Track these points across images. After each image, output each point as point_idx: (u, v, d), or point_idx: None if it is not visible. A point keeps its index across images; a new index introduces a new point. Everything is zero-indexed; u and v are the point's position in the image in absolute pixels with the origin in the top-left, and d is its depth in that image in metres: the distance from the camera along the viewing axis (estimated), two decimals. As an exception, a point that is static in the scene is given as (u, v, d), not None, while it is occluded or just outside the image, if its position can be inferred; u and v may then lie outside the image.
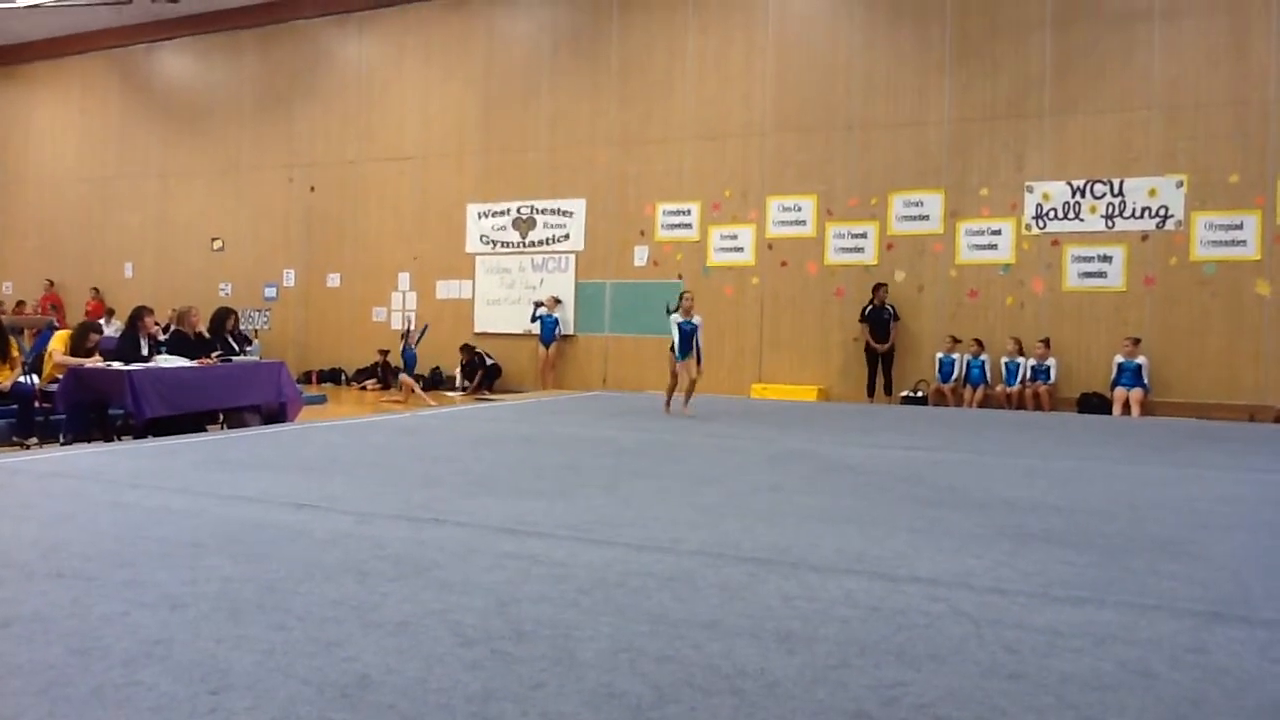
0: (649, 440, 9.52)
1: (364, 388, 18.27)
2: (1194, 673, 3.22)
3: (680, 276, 16.94)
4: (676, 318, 11.93)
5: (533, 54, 18.31)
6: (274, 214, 20.78)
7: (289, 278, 20.67)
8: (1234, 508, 6.38)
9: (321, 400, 14.77)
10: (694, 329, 11.93)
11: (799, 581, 4.28)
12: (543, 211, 18.16)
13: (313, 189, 20.23)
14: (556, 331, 17.67)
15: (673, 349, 12.03)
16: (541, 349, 17.62)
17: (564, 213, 17.97)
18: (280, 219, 20.71)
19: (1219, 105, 13.80)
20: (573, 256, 17.90)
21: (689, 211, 17.00)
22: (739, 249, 16.63)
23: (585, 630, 3.49)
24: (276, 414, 11.02)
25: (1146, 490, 7.21)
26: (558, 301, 17.77)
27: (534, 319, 17.69)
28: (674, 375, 12.21)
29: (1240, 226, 13.67)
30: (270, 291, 20.82)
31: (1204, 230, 13.85)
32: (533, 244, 18.23)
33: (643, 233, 17.31)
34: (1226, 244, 13.74)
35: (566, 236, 17.98)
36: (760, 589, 4.14)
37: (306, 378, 19.08)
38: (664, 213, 17.18)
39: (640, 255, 17.33)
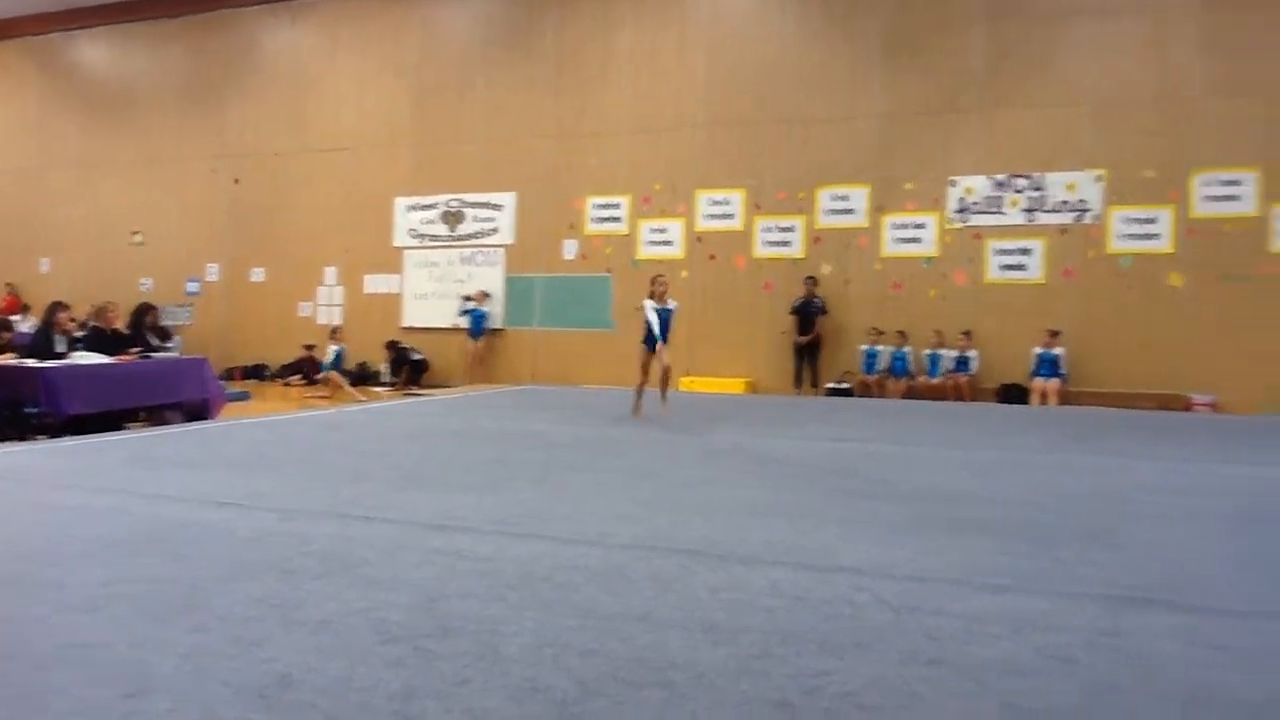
0: (579, 434, 9.54)
1: (289, 384, 18.03)
2: (1111, 657, 3.31)
3: (609, 270, 16.96)
4: (652, 304, 10.85)
5: (467, 46, 18.19)
6: (198, 207, 20.39)
7: (212, 272, 20.30)
8: (1150, 495, 6.56)
9: (245, 397, 14.54)
10: (670, 314, 10.99)
11: (727, 573, 4.32)
12: (472, 205, 18.05)
13: (237, 181, 19.88)
14: (485, 325, 17.59)
15: (645, 340, 10.91)
16: (470, 343, 17.53)
17: (494, 206, 17.89)
18: (204, 212, 20.33)
19: (1139, 103, 14.16)
20: (502, 250, 17.83)
21: (619, 205, 17.02)
22: (668, 242, 16.69)
23: (511, 625, 3.49)
24: (199, 411, 10.84)
25: (1066, 479, 7.39)
26: (486, 295, 17.69)
27: (462, 313, 17.59)
28: (644, 371, 11.09)
29: (1155, 221, 14.04)
30: (193, 286, 20.44)
31: (1120, 224, 14.22)
32: (462, 238, 18.12)
33: (572, 226, 17.29)
34: (1142, 237, 14.11)
35: (496, 230, 17.90)
36: (689, 581, 4.17)
37: (229, 374, 18.76)
38: (594, 206, 17.18)
39: (569, 249, 17.31)
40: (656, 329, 10.77)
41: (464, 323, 17.56)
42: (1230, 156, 13.66)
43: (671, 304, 11.04)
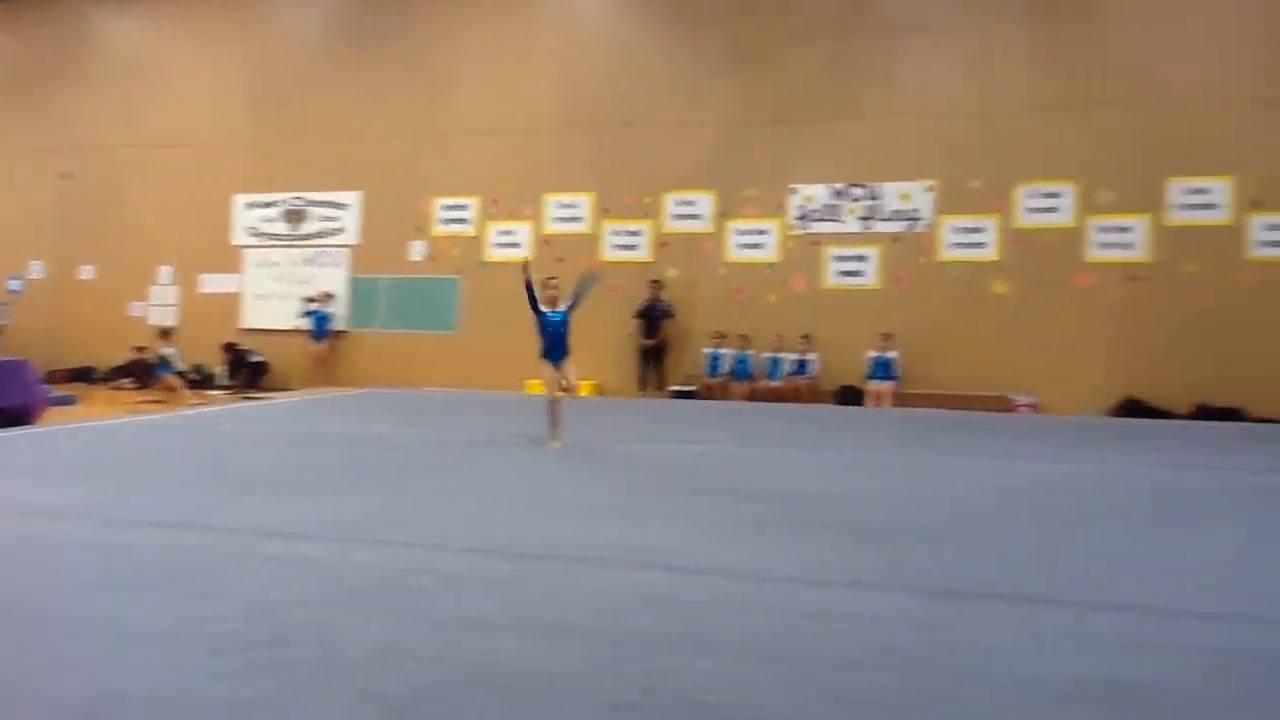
0: (422, 438, 9.45)
1: (119, 387, 17.27)
2: (938, 649, 3.49)
3: (457, 272, 16.83)
4: (542, 309, 9.25)
5: (311, 43, 17.77)
6: (22, 201, 19.33)
7: (36, 269, 19.29)
8: (976, 493, 6.90)
9: (71, 400, 13.87)
10: (562, 320, 9.27)
11: (570, 576, 4.37)
12: (316, 204, 17.65)
13: (68, 175, 18.91)
14: (328, 327, 17.22)
15: (542, 354, 9.23)
16: (312, 345, 17.13)
17: (338, 205, 17.54)
18: (29, 206, 19.28)
19: (966, 116, 14.84)
20: (347, 250, 17.49)
21: (467, 207, 16.91)
22: (516, 245, 16.67)
23: (349, 633, 3.47)
24: (19, 415, 10.31)
25: (898, 478, 7.70)
26: (329, 296, 17.32)
27: (304, 314, 17.18)
28: (547, 386, 9.26)
29: (982, 230, 14.75)
30: (14, 284, 19.37)
31: (950, 233, 14.87)
32: (305, 237, 17.70)
33: (419, 227, 17.09)
34: (969, 245, 14.79)
35: (340, 230, 17.55)
36: (531, 585, 4.20)
37: (52, 376, 17.84)
38: (442, 207, 17.02)
39: (416, 250, 17.10)
40: (541, 341, 9.23)
41: (306, 324, 17.15)
42: (1050, 169, 14.45)
43: (561, 308, 9.34)
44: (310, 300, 17.25)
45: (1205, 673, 3.31)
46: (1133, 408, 13.88)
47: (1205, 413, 13.52)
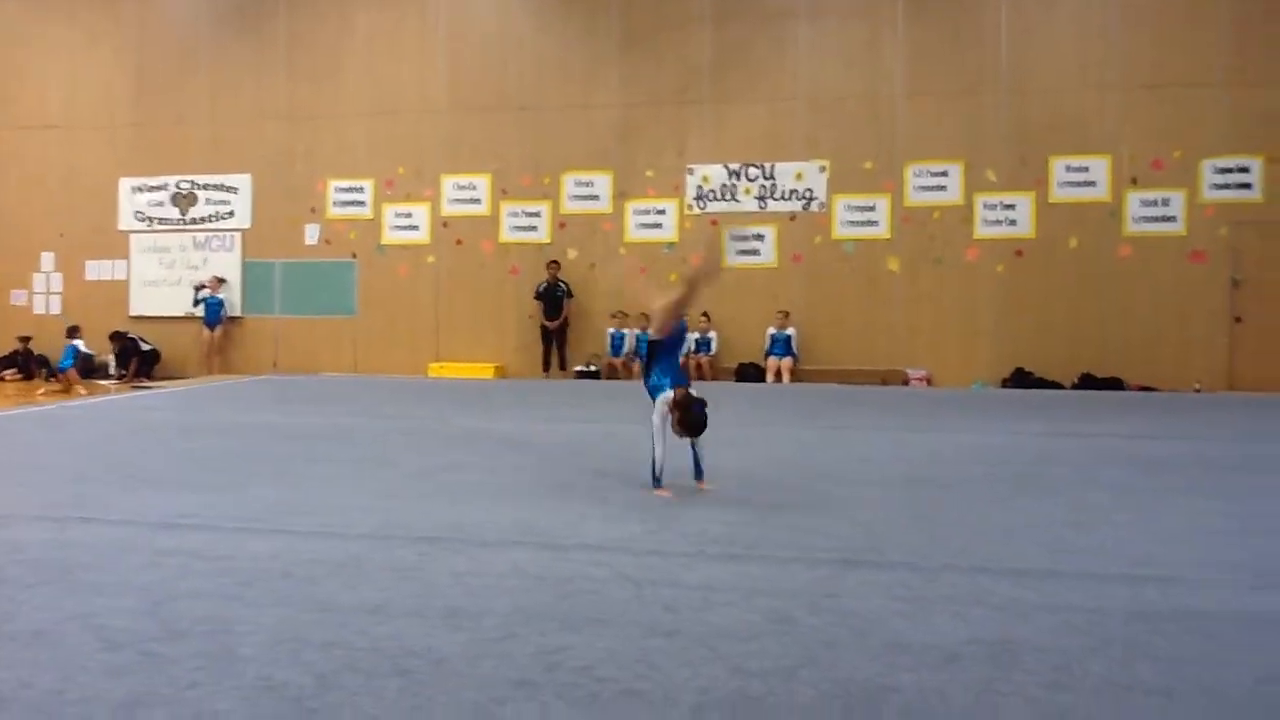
0: (319, 425, 9.36)
1: (2, 378, 16.68)
2: (829, 617, 3.63)
3: (354, 255, 16.61)
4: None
5: (192, 22, 17.27)
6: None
7: (-94, 258, 18.47)
8: (867, 465, 7.11)
9: (-49, 394, 13.37)
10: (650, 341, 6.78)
11: (469, 557, 4.42)
12: (205, 187, 17.23)
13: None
14: (222, 314, 16.86)
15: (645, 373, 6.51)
16: (205, 332, 16.75)
17: (228, 188, 17.14)
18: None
19: (855, 98, 15.12)
20: (239, 235, 17.11)
21: (362, 189, 16.67)
22: (414, 227, 16.50)
23: (246, 624, 3.47)
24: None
25: (793, 451, 7.89)
26: (221, 282, 16.94)
27: (196, 302, 16.78)
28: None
29: (874, 209, 15.06)
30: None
31: (844, 212, 15.16)
32: (194, 221, 17.27)
33: (313, 210, 16.80)
34: (863, 224, 15.10)
35: (231, 214, 17.16)
36: (430, 568, 4.24)
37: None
38: (336, 189, 16.75)
39: (311, 233, 16.82)
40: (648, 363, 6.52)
41: (199, 311, 16.76)
42: (938, 150, 14.82)
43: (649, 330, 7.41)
44: (201, 287, 16.85)
45: (1077, 630, 3.50)
46: (1021, 379, 14.36)
47: (1088, 383, 14.05)
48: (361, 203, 16.68)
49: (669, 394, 6.00)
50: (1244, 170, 13.94)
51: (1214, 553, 4.66)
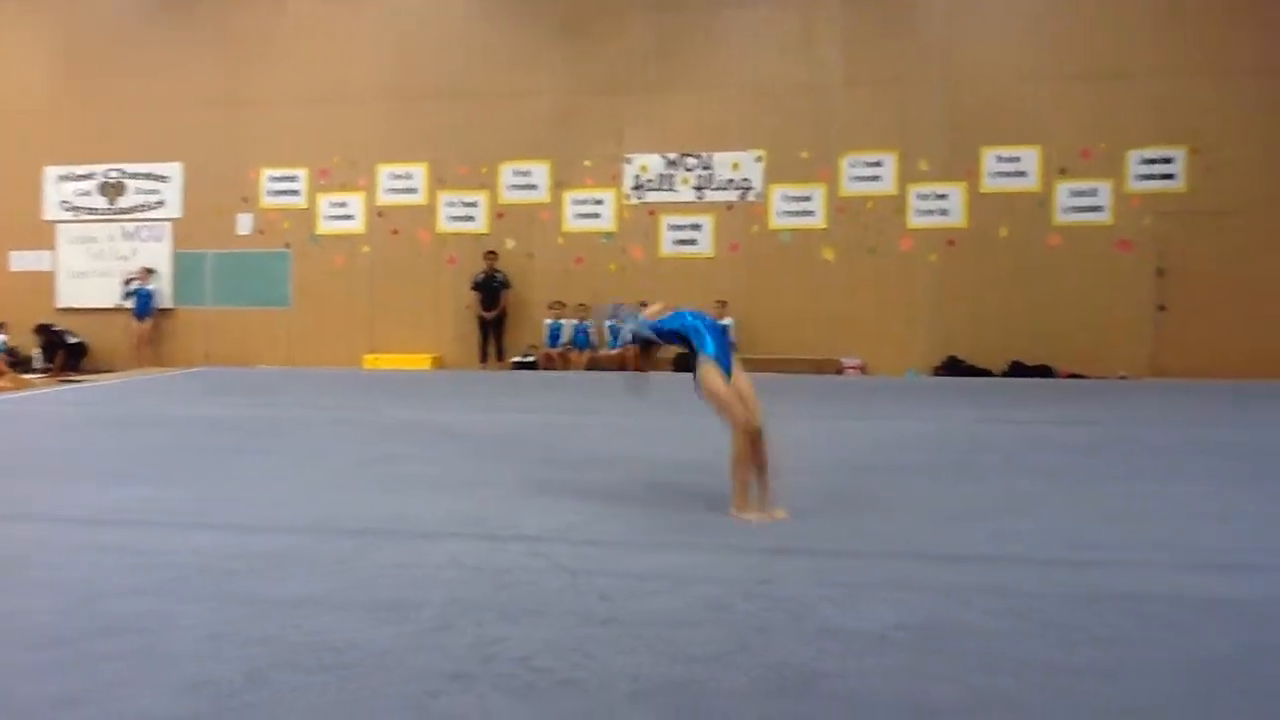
0: (255, 417, 9.25)
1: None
2: (763, 603, 3.68)
3: (288, 245, 16.40)
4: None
5: (120, 5, 16.88)
6: None
7: None
8: (800, 451, 7.18)
9: None
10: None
11: (406, 549, 4.41)
12: (134, 176, 16.89)
13: None
14: (151, 305, 16.54)
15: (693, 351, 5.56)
16: (135, 324, 16.43)
17: (158, 177, 16.81)
18: None
19: (791, 88, 15.22)
20: (169, 224, 16.80)
21: (296, 178, 16.45)
22: (349, 217, 16.33)
23: (179, 619, 3.43)
24: None
25: (727, 440, 7.93)
26: (150, 272, 16.61)
27: (127, 295, 16.45)
28: (738, 418, 5.34)
29: (810, 198, 15.19)
30: None
31: (780, 201, 15.27)
32: (123, 211, 16.92)
33: (246, 199, 16.55)
34: (799, 214, 15.23)
35: (162, 203, 16.84)
36: (365, 560, 4.22)
37: None
38: (269, 179, 16.52)
39: (244, 223, 16.57)
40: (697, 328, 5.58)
41: (129, 303, 16.43)
42: (872, 140, 14.98)
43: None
44: (130, 279, 16.52)
45: (1013, 613, 3.59)
46: (953, 366, 14.59)
47: (1019, 370, 14.32)
48: (295, 192, 16.47)
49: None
50: (1168, 161, 14.28)
51: (1146, 534, 4.79)
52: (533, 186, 15.90)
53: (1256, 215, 13.97)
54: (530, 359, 15.59)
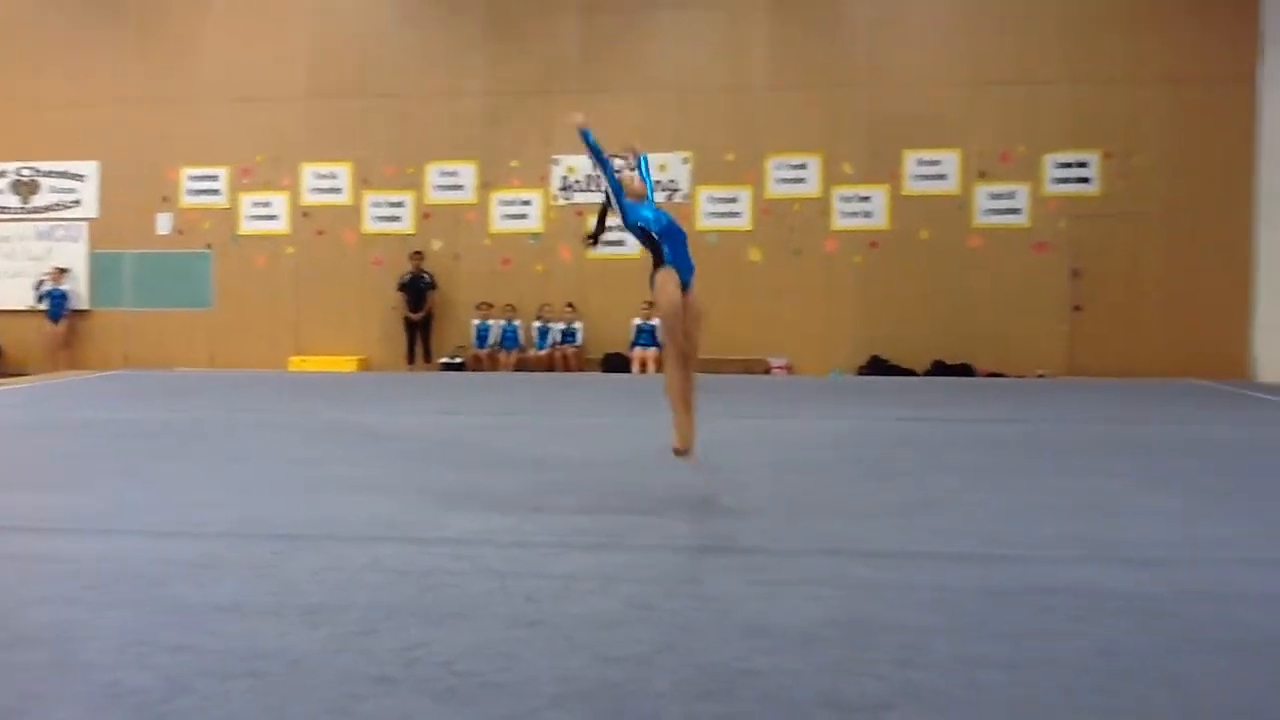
0: (174, 421, 9.08)
1: None
2: (688, 602, 3.72)
3: (209, 246, 16.11)
4: (630, 203, 5.97)
5: (35, 1, 16.44)
6: None
7: None
8: (728, 451, 7.25)
9: None
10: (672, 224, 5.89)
11: (328, 554, 4.37)
12: (48, 174, 16.47)
13: None
14: (66, 306, 16.14)
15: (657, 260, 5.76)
16: (49, 326, 16.02)
17: (74, 176, 16.41)
18: None
19: (717, 91, 15.33)
20: (85, 224, 16.41)
21: (217, 177, 16.17)
22: (272, 217, 16.09)
23: (92, 628, 3.38)
24: None
25: (652, 440, 7.97)
26: (63, 272, 16.20)
27: (41, 297, 16.03)
28: (673, 331, 5.84)
29: (736, 200, 15.32)
30: None
31: (707, 203, 15.38)
32: (37, 210, 16.49)
33: (166, 198, 16.22)
34: (725, 215, 15.35)
35: (78, 202, 16.44)
36: (287, 565, 4.18)
37: None
38: (189, 178, 16.21)
39: (163, 223, 16.24)
40: (655, 235, 5.76)
41: (45, 305, 16.02)
42: (796, 143, 15.14)
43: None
44: (42, 280, 16.09)
45: (929, 609, 3.67)
46: (877, 366, 14.81)
47: (941, 369, 14.58)
48: (216, 191, 16.19)
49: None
50: (1083, 165, 14.65)
51: (1055, 529, 4.93)
52: (459, 187, 15.81)
53: (1166, 218, 14.39)
54: (458, 360, 15.50)
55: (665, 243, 5.79)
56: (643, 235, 5.86)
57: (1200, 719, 2.75)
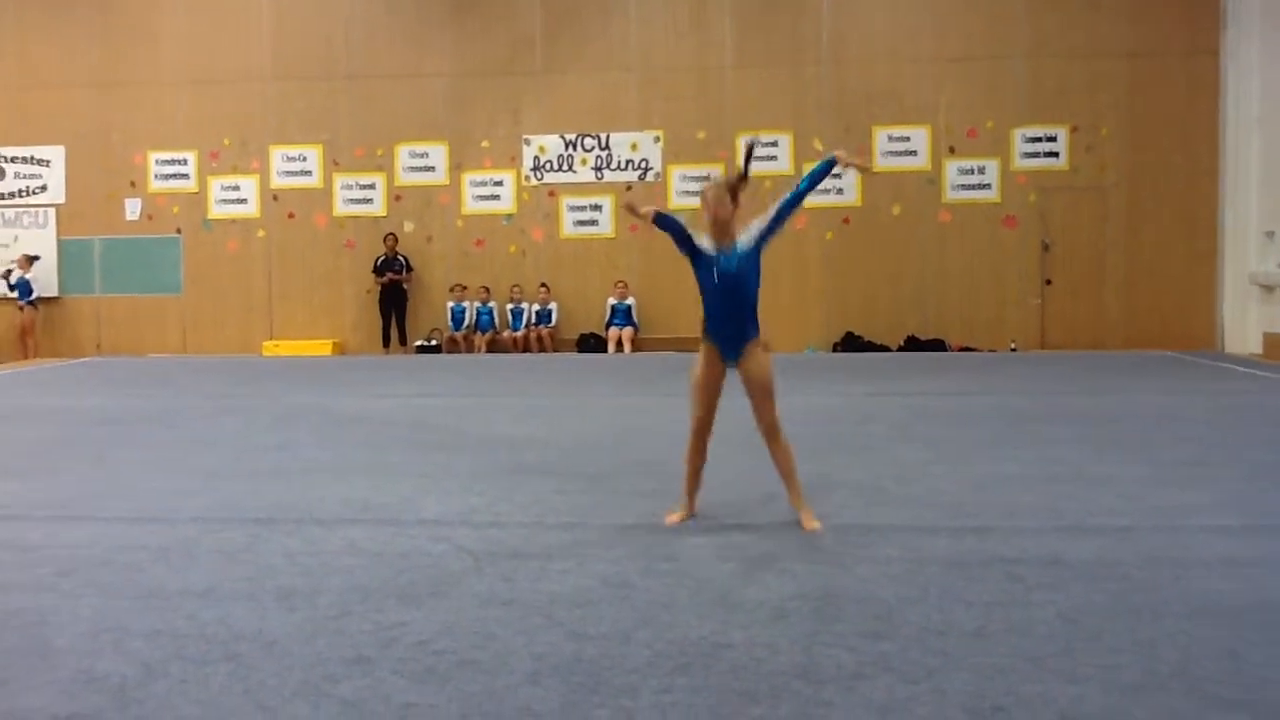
0: (146, 407, 9.05)
1: None
2: (665, 579, 3.76)
3: (179, 230, 15.98)
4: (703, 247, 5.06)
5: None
6: None
7: None
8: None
9: None
10: (744, 263, 5.03)
11: (302, 537, 4.39)
12: (13, 160, 16.27)
13: None
14: (34, 294, 15.97)
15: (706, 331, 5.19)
16: (18, 314, 15.86)
17: (40, 162, 16.23)
18: None
19: (685, 70, 15.31)
20: (53, 210, 16.24)
21: (185, 161, 16.02)
22: (242, 200, 15.97)
23: (64, 614, 3.38)
24: None
25: (624, 418, 8.05)
26: (32, 260, 16.02)
27: (11, 286, 15.86)
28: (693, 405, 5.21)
29: (708, 178, 15.21)
30: None
31: (679, 181, 15.37)
32: (3, 197, 16.30)
33: (133, 184, 16.07)
34: (697, 194, 15.20)
35: (44, 188, 16.26)
36: (261, 549, 4.20)
37: None
38: (157, 162, 16.05)
39: (132, 208, 16.09)
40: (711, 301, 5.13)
41: (14, 294, 15.84)
42: (767, 120, 15.11)
43: (744, 239, 5.06)
44: (9, 270, 15.90)
45: (898, 580, 3.74)
46: (851, 342, 14.89)
47: (914, 344, 14.68)
48: (185, 175, 16.04)
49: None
50: (1051, 139, 14.74)
51: (1022, 499, 5.01)
52: (430, 168, 15.74)
53: (1133, 191, 14.52)
54: (434, 343, 15.47)
55: (712, 305, 5.00)
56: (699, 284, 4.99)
57: (1164, 683, 2.81)
